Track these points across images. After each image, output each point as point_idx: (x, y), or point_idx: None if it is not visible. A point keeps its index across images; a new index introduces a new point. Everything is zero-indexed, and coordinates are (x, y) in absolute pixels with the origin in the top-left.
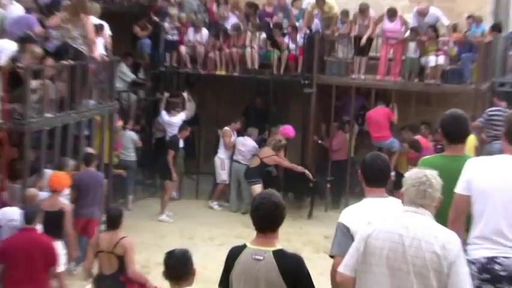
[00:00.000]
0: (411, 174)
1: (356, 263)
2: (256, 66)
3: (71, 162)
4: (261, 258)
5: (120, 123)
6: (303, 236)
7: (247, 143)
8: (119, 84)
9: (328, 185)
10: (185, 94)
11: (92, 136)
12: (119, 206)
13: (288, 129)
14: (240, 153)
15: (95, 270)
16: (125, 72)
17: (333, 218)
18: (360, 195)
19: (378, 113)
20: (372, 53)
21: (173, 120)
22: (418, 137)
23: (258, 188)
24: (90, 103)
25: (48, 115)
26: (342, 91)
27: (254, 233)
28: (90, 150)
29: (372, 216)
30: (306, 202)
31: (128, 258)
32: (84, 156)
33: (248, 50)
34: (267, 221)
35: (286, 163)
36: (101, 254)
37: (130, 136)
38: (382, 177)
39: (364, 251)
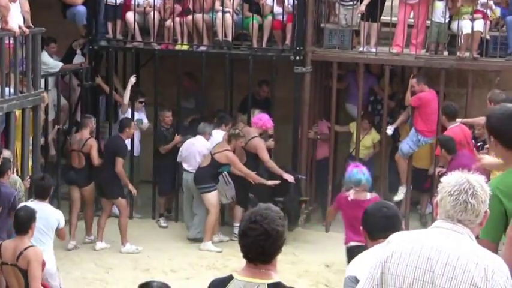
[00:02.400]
0: (449, 179)
1: None
2: (230, 38)
3: None
4: None
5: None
6: (297, 265)
7: (196, 144)
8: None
9: (300, 177)
10: (133, 79)
11: (9, 136)
12: (29, 206)
13: (263, 119)
14: (186, 160)
15: None
16: (48, 63)
17: (336, 241)
18: None
19: (434, 97)
20: (385, 17)
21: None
22: (456, 125)
23: (212, 197)
24: (6, 92)
25: None
26: (345, 69)
27: (230, 262)
28: (6, 153)
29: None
30: (299, 220)
31: (31, 272)
32: None
33: (219, 15)
34: (255, 252)
35: (239, 165)
36: (5, 267)
37: None
38: (389, 229)
39: (380, 279)
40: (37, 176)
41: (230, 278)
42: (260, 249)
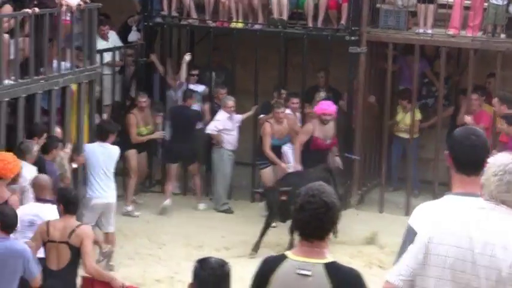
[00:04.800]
0: (495, 160)
1: (413, 273)
2: (285, 17)
3: (36, 147)
4: (309, 273)
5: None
6: (350, 246)
7: (215, 118)
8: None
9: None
10: (187, 57)
11: (65, 111)
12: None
13: (325, 104)
14: None
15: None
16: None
17: (390, 222)
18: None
19: None
20: None
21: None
22: None
23: (266, 174)
24: (63, 66)
25: (7, 82)
26: (399, 51)
27: (283, 241)
28: (57, 130)
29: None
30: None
31: (85, 249)
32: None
33: None
34: (313, 226)
35: (264, 140)
36: (50, 244)
37: None
38: (475, 160)
39: (423, 259)
40: (103, 120)
41: (283, 257)
42: (319, 222)
